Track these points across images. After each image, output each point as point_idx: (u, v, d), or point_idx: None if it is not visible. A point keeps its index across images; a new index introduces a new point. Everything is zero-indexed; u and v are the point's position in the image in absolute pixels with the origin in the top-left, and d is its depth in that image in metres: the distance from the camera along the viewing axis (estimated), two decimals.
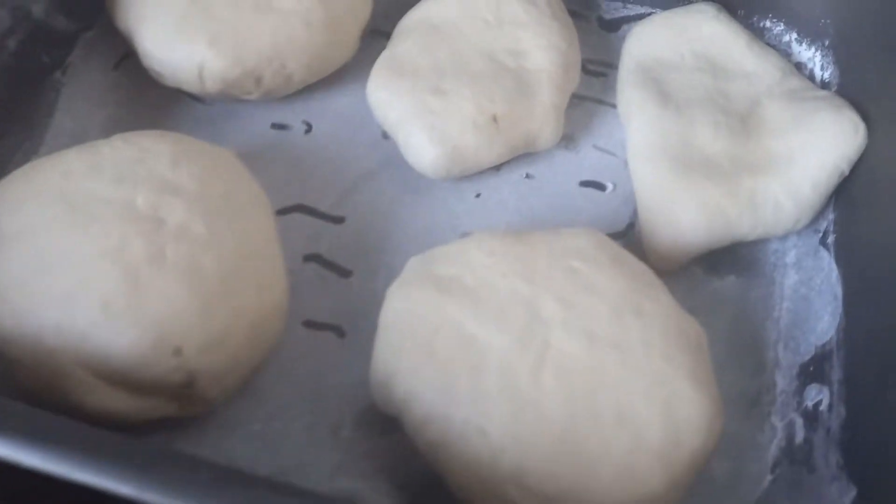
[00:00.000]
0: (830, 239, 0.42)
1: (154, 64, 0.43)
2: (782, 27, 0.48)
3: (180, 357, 0.32)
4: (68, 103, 0.45)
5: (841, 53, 0.46)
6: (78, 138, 0.42)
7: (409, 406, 0.32)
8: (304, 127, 0.46)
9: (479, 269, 0.35)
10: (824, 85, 0.47)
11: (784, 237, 0.43)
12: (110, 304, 0.31)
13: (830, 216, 0.42)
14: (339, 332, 0.40)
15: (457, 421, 0.31)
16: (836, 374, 0.37)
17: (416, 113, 0.43)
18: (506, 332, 0.33)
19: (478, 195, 0.45)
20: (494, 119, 0.43)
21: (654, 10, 0.50)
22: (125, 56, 0.47)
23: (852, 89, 0.44)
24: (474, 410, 0.31)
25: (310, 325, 0.40)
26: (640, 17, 0.50)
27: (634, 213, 0.44)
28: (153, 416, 0.34)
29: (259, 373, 0.38)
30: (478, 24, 0.46)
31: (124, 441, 0.25)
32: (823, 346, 0.39)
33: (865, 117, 0.41)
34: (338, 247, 0.42)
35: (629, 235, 0.44)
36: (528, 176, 0.46)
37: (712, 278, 0.42)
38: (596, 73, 0.50)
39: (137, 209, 0.34)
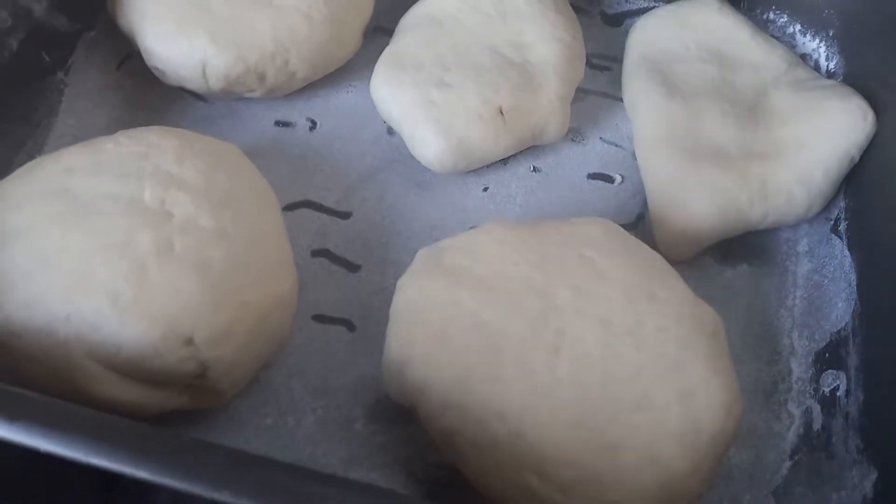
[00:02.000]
0: (842, 226, 0.41)
1: (156, 62, 0.42)
2: (786, 18, 0.49)
3: (192, 347, 0.31)
4: (71, 103, 0.45)
5: (846, 43, 0.46)
6: (81, 137, 0.42)
7: (423, 394, 0.32)
8: (309, 124, 0.46)
9: (489, 259, 0.35)
10: (830, 75, 0.47)
11: (795, 225, 0.43)
12: (118, 296, 0.31)
13: (842, 204, 0.42)
14: (349, 325, 0.39)
15: (473, 407, 0.31)
16: (852, 360, 0.37)
17: (420, 106, 0.42)
18: (520, 319, 0.33)
19: (485, 189, 0.45)
20: (500, 111, 0.43)
21: (656, 4, 0.50)
22: (128, 56, 0.47)
23: (859, 78, 0.44)
24: (492, 395, 0.31)
25: (320, 319, 0.39)
26: (643, 10, 0.50)
27: (644, 204, 0.44)
28: (165, 407, 0.33)
29: (270, 367, 0.37)
30: (480, 17, 0.46)
31: (138, 426, 0.25)
32: (838, 332, 0.38)
33: (873, 105, 0.41)
34: (345, 242, 0.42)
35: (639, 227, 0.44)
36: (535, 169, 0.45)
37: (725, 268, 0.42)
38: (601, 66, 0.50)
39: (144, 203, 0.34)
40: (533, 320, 0.33)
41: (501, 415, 0.30)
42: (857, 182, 0.41)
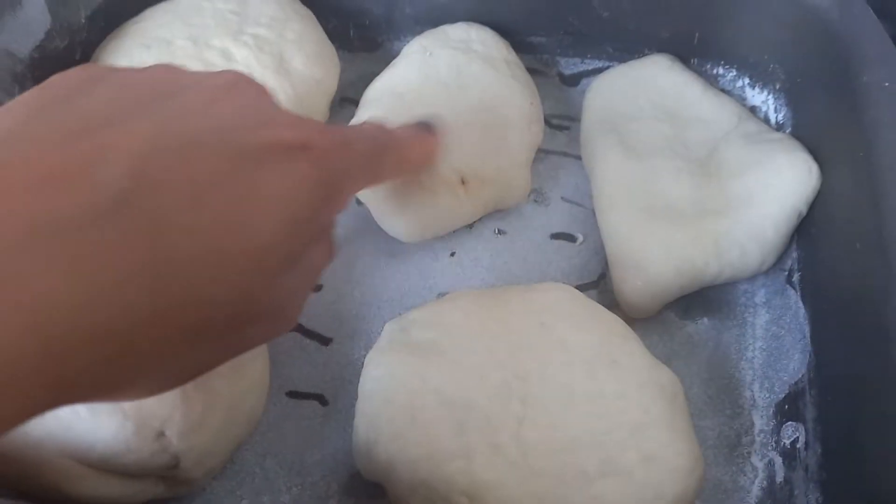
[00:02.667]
0: (796, 277, 0.43)
1: None
2: (734, 73, 0.50)
3: (163, 440, 0.32)
4: None
5: (792, 96, 0.48)
6: None
7: (392, 473, 0.33)
8: None
9: (454, 331, 0.36)
10: (779, 126, 0.48)
11: (753, 277, 0.44)
12: None
13: (794, 255, 0.43)
14: (321, 400, 0.40)
15: (439, 486, 0.32)
16: (809, 412, 0.38)
17: None
18: (484, 392, 0.34)
19: (452, 254, 0.46)
20: (462, 180, 0.44)
21: (611, 64, 0.52)
22: None
23: (805, 129, 0.46)
24: (457, 473, 0.32)
25: (293, 395, 0.40)
26: (598, 70, 0.52)
27: (605, 262, 0.45)
28: (142, 498, 0.34)
29: (244, 446, 0.38)
30: (440, 88, 0.47)
31: None
32: (796, 384, 0.40)
33: (819, 157, 0.43)
34: (317, 315, 0.43)
35: (602, 285, 0.45)
36: (500, 232, 0.47)
37: (686, 322, 0.43)
38: (560, 126, 0.51)
39: None
40: (497, 393, 0.34)
41: (467, 493, 0.31)
42: (807, 233, 0.43)
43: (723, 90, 0.50)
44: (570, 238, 0.47)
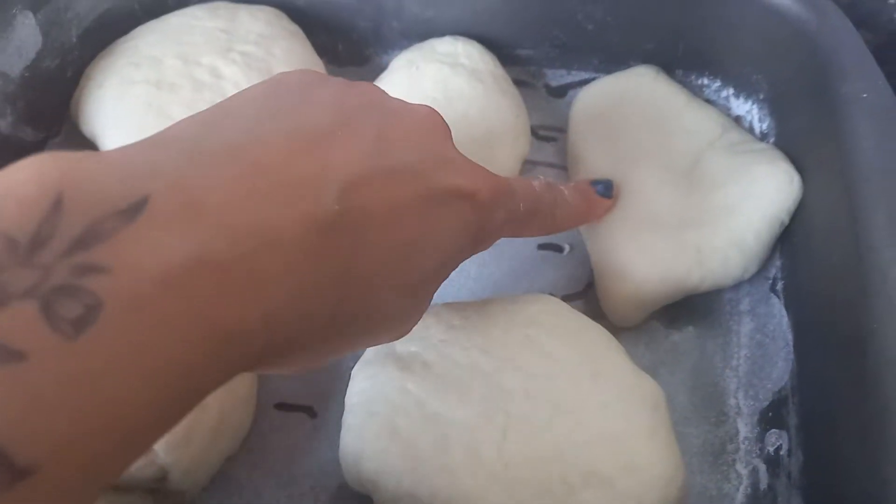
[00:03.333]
0: (779, 285, 0.43)
1: None
2: (719, 83, 0.51)
3: (150, 453, 0.33)
4: None
5: (775, 106, 0.48)
6: None
7: (377, 487, 0.33)
8: None
9: (438, 345, 0.37)
10: (763, 136, 0.49)
11: (737, 285, 0.44)
12: None
13: (778, 263, 0.44)
14: (310, 412, 0.41)
15: (424, 498, 0.32)
16: (792, 419, 0.39)
17: None
18: (468, 405, 0.34)
19: None
20: None
21: (597, 75, 0.52)
22: None
23: (788, 139, 0.46)
24: (441, 487, 0.32)
25: (281, 407, 0.41)
26: (585, 82, 0.53)
27: (592, 272, 0.45)
28: None
29: (233, 458, 0.38)
30: (426, 102, 0.47)
31: None
32: (779, 391, 0.40)
33: (801, 167, 0.43)
34: None
35: (589, 294, 0.45)
36: None
37: (671, 331, 0.44)
38: (547, 137, 0.52)
39: None
40: (481, 406, 0.34)
41: None
42: (790, 243, 0.43)
43: (707, 100, 0.51)
44: (557, 248, 0.47)
